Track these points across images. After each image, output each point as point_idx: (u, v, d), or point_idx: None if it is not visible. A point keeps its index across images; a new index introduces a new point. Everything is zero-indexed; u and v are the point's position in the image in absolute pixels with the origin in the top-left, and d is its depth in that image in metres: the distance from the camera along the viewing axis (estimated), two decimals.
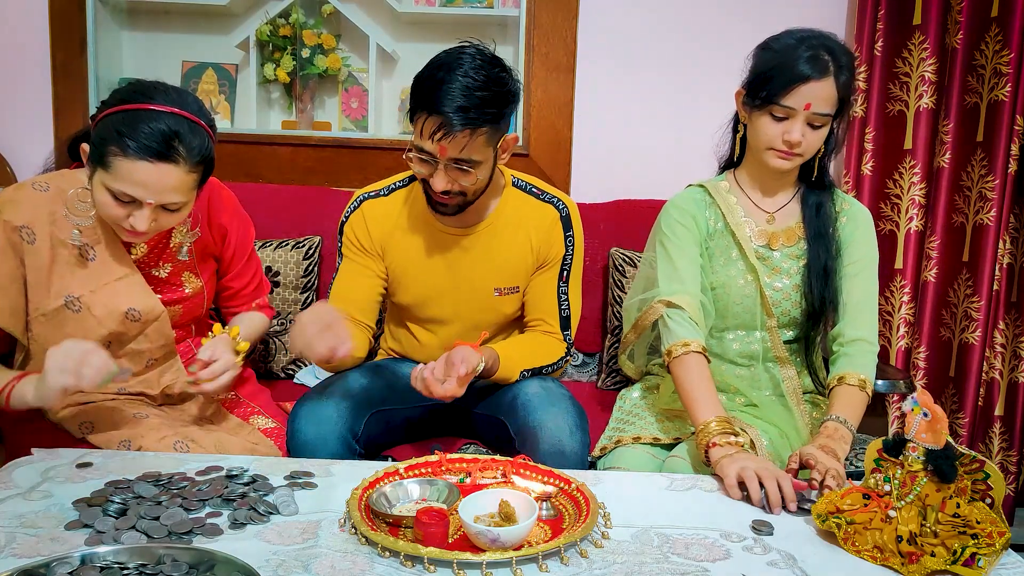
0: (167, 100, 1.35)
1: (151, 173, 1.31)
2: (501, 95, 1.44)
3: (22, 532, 1.06)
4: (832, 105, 1.49)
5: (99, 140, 1.32)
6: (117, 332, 1.45)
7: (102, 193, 1.34)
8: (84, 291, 1.42)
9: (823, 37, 1.50)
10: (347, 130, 2.54)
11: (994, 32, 2.21)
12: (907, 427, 1.13)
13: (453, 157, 1.44)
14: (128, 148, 1.29)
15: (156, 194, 1.33)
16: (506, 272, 1.66)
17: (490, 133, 1.45)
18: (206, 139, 1.37)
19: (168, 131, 1.31)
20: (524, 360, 1.63)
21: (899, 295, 2.34)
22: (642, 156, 2.44)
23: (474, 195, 1.54)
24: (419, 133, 1.45)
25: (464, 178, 1.47)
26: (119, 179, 1.31)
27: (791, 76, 1.45)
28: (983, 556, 1.03)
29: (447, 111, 1.39)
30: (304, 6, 2.46)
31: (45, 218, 1.40)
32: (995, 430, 2.35)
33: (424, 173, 1.49)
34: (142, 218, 1.34)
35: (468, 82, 1.41)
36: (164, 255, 1.53)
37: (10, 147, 2.40)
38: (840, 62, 1.48)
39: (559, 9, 2.37)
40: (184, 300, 1.56)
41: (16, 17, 2.38)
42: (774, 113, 1.49)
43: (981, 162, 2.26)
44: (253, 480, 1.23)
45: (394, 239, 1.64)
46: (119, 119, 1.32)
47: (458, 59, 1.44)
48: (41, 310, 1.40)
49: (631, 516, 1.17)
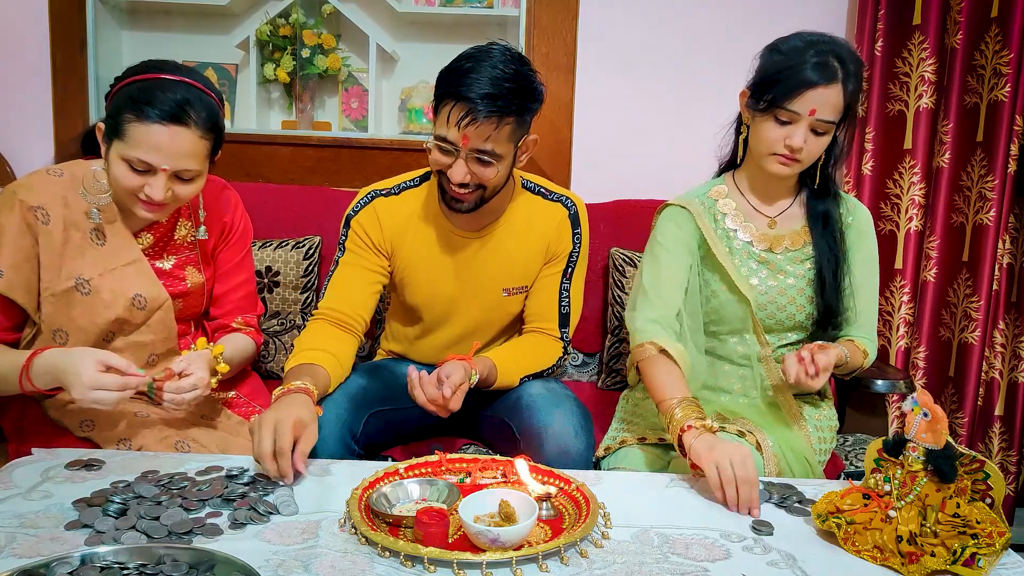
0: (178, 72, 1.41)
1: (165, 137, 1.35)
2: (527, 90, 1.45)
3: (22, 532, 1.06)
4: (837, 112, 1.47)
5: (114, 111, 1.38)
6: (122, 318, 1.47)
7: (118, 165, 1.38)
8: (94, 274, 1.45)
9: (833, 43, 1.48)
10: (347, 130, 2.54)
11: (994, 32, 2.21)
12: (907, 427, 1.13)
13: (475, 147, 1.43)
14: (143, 113, 1.34)
15: (171, 159, 1.37)
16: (516, 273, 1.66)
17: (514, 127, 1.45)
18: (216, 108, 1.43)
19: (181, 98, 1.36)
20: (522, 367, 1.63)
21: (899, 295, 2.34)
22: (642, 156, 2.44)
23: (492, 192, 1.53)
24: (444, 121, 1.44)
25: (484, 171, 1.46)
26: (135, 145, 1.35)
27: (798, 81, 1.44)
28: (983, 556, 1.03)
29: (474, 97, 1.39)
30: (304, 6, 2.46)
31: (59, 201, 1.43)
32: (995, 430, 2.36)
33: (444, 163, 1.47)
34: (158, 186, 1.37)
35: (496, 73, 1.41)
36: (169, 247, 1.55)
37: (10, 147, 2.40)
38: (849, 70, 1.46)
39: (559, 9, 2.37)
40: (185, 294, 1.56)
41: (16, 17, 2.38)
42: (778, 117, 1.47)
43: (981, 162, 2.26)
44: (253, 480, 1.23)
45: (405, 239, 1.64)
46: (133, 89, 1.38)
47: (487, 52, 1.45)
48: (51, 290, 1.42)
49: (631, 516, 1.17)
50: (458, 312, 1.67)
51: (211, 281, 1.63)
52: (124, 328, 1.49)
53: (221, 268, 1.64)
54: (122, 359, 1.31)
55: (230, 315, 1.66)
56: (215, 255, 1.63)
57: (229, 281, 1.65)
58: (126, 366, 1.30)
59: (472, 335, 1.68)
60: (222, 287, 1.65)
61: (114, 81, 1.43)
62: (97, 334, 1.46)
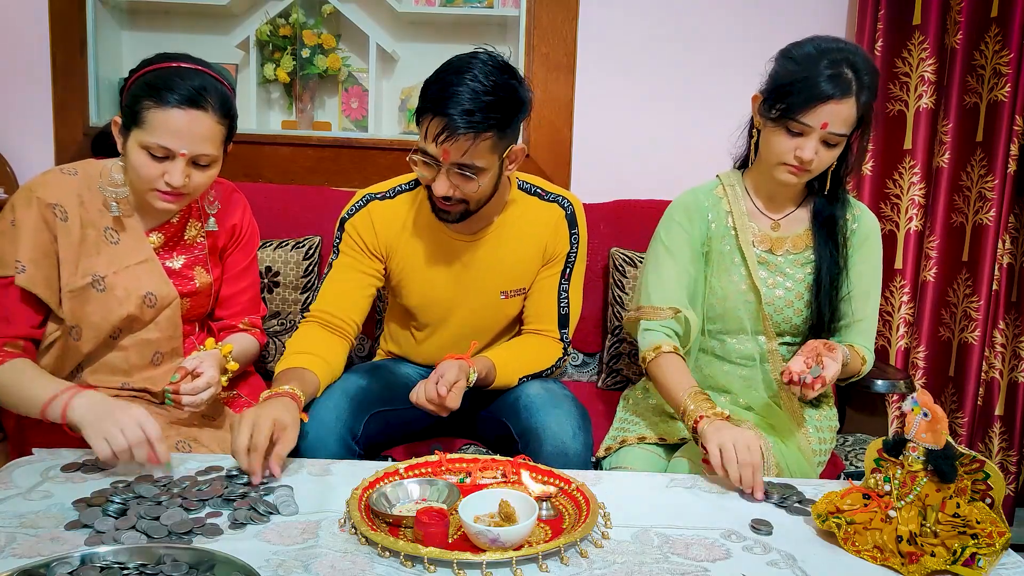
0: (193, 62, 1.45)
1: (184, 121, 1.37)
2: (508, 102, 1.43)
3: (22, 532, 1.06)
4: (849, 125, 1.45)
5: (132, 100, 1.39)
6: (133, 316, 1.49)
7: (137, 154, 1.39)
8: (108, 271, 1.46)
9: (846, 51, 1.44)
10: (347, 130, 2.54)
11: (994, 32, 2.21)
12: (907, 427, 1.13)
13: (456, 162, 1.43)
14: (161, 98, 1.36)
15: (189, 143, 1.38)
16: (513, 275, 1.66)
17: (495, 140, 1.43)
18: (229, 96, 1.45)
19: (198, 84, 1.39)
20: (521, 366, 1.63)
21: (899, 295, 2.34)
22: (642, 156, 2.44)
23: (477, 204, 1.52)
24: (424, 135, 1.44)
25: (466, 185, 1.46)
26: (153, 131, 1.37)
27: (811, 94, 1.41)
28: (983, 556, 1.03)
29: (452, 113, 1.38)
30: (304, 6, 2.46)
31: (75, 200, 1.45)
32: (995, 430, 2.36)
33: (427, 177, 1.48)
34: (177, 172, 1.39)
35: (476, 86, 1.39)
36: (179, 247, 1.57)
37: (10, 147, 2.40)
38: (863, 81, 1.43)
39: (559, 9, 2.37)
40: (194, 293, 1.57)
41: (16, 17, 2.38)
42: (790, 128, 1.45)
43: (980, 162, 2.26)
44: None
45: (401, 242, 1.64)
46: (150, 77, 1.40)
47: (468, 63, 1.43)
48: (69, 287, 1.43)
49: (631, 516, 1.17)
50: (456, 315, 1.67)
51: (219, 281, 1.64)
52: (133, 326, 1.51)
53: (230, 271, 1.65)
54: (158, 427, 1.25)
55: (237, 316, 1.67)
56: (224, 256, 1.65)
57: (237, 284, 1.66)
58: (156, 438, 1.25)
59: (471, 337, 1.68)
60: (230, 289, 1.66)
61: (128, 74, 1.45)
62: (108, 330, 1.47)
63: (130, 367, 1.52)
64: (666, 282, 1.58)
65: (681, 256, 1.59)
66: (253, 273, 1.71)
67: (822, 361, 1.41)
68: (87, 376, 1.50)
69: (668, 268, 1.59)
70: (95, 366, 1.50)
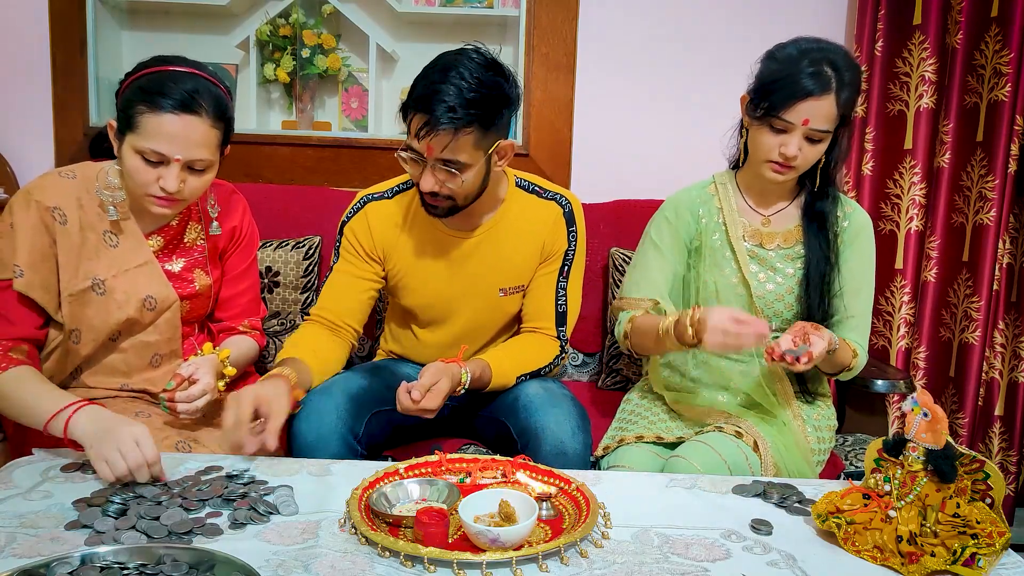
0: (187, 65, 1.43)
1: (177, 125, 1.36)
2: (493, 98, 1.43)
3: (22, 532, 1.06)
4: (831, 122, 1.48)
5: (126, 104, 1.38)
6: (132, 319, 1.48)
7: (132, 158, 1.38)
8: (108, 275, 1.46)
9: (828, 50, 1.48)
10: (347, 130, 2.54)
11: (994, 32, 2.21)
12: (907, 427, 1.13)
13: (439, 157, 1.44)
14: (154, 103, 1.35)
15: (183, 148, 1.37)
16: (512, 273, 1.66)
17: (477, 135, 1.44)
18: (224, 99, 1.44)
19: (191, 87, 1.38)
20: (517, 365, 1.62)
21: (899, 295, 2.34)
22: (642, 156, 2.44)
23: (464, 200, 1.53)
24: (409, 131, 1.46)
25: (450, 180, 1.46)
26: (147, 136, 1.36)
27: (791, 91, 1.45)
28: (983, 556, 1.03)
29: (433, 109, 1.40)
30: (304, 6, 2.46)
31: (74, 203, 1.44)
32: (995, 430, 2.35)
33: (413, 173, 1.50)
34: (171, 177, 1.38)
35: (460, 83, 1.41)
36: (178, 250, 1.56)
37: (10, 147, 2.40)
38: (843, 78, 1.46)
39: (559, 9, 2.37)
40: (194, 296, 1.57)
41: (16, 17, 2.38)
42: (773, 125, 1.50)
43: (981, 162, 2.26)
44: (253, 480, 1.23)
45: (398, 242, 1.64)
46: (144, 81, 1.39)
47: (455, 60, 1.44)
48: (69, 290, 1.43)
49: (631, 516, 1.17)
50: (455, 313, 1.67)
51: (218, 283, 1.63)
52: (133, 328, 1.50)
53: (229, 272, 1.65)
54: (155, 450, 1.22)
55: (237, 318, 1.67)
56: (224, 258, 1.64)
57: (237, 285, 1.66)
58: (152, 460, 1.22)
59: (470, 335, 1.68)
60: (229, 291, 1.65)
61: (124, 77, 1.44)
62: (107, 333, 1.47)
63: (129, 369, 1.52)
64: (649, 275, 1.63)
65: (667, 251, 1.64)
66: (253, 275, 1.70)
67: (809, 340, 1.43)
68: (86, 378, 1.50)
69: (653, 262, 1.64)
70: (94, 368, 1.50)
